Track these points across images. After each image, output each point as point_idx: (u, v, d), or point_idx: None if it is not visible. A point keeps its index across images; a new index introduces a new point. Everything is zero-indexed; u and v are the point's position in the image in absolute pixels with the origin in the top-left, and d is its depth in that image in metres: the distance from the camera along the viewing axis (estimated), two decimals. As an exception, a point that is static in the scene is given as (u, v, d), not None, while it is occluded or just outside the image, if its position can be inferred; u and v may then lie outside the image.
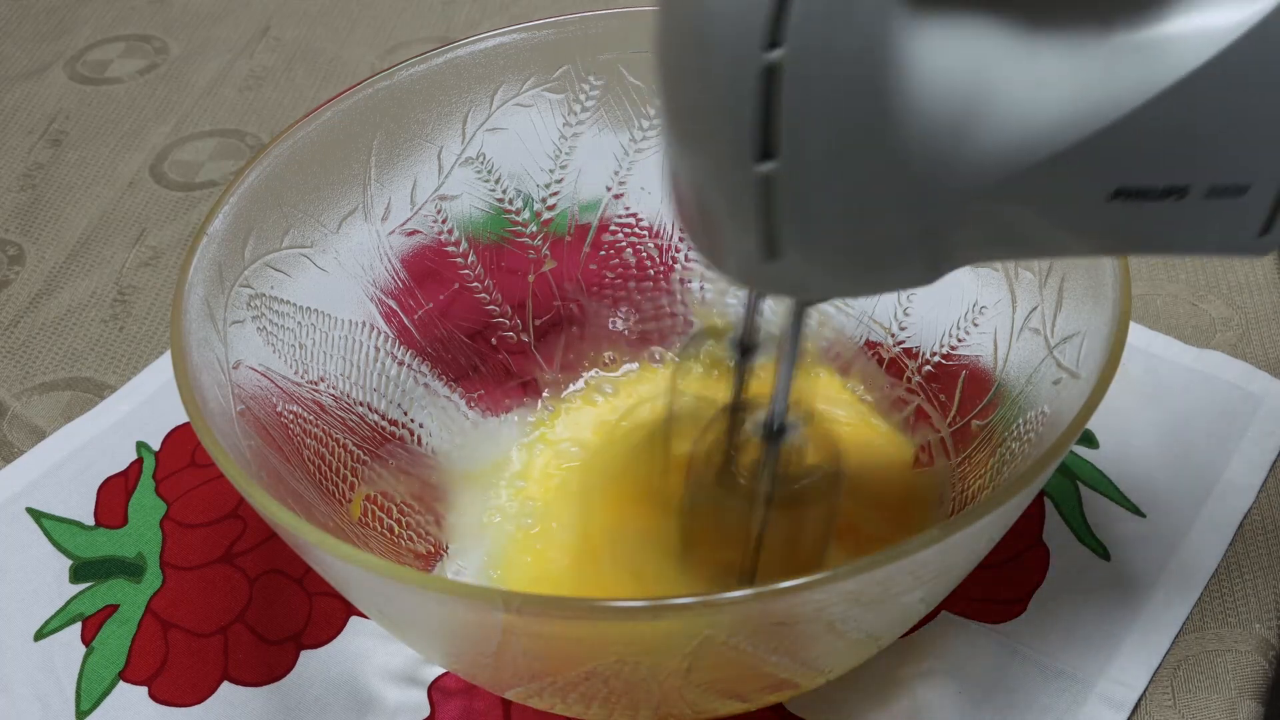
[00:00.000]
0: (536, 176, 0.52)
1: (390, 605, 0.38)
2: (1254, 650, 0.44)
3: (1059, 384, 0.41)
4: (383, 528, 0.46)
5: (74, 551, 0.49)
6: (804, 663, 0.39)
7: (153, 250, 0.63)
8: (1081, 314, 0.41)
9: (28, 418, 0.55)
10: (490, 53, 0.50)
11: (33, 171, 0.67)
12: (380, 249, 0.50)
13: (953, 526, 0.34)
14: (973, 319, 0.47)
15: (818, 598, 0.33)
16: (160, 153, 0.68)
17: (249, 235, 0.44)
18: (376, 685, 0.45)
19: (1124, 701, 0.43)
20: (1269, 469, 0.49)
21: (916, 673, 0.44)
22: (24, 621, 0.47)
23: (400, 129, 0.49)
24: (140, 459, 0.52)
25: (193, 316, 0.41)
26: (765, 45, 0.27)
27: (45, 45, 0.76)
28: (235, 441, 0.39)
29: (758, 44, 0.27)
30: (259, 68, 0.74)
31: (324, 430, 0.46)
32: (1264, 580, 0.46)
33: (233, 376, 0.42)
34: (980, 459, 0.45)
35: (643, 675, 0.36)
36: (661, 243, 0.53)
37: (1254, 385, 0.52)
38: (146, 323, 0.59)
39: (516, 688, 0.40)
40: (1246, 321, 0.55)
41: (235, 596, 0.48)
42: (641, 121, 0.52)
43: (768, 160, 0.28)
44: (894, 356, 0.50)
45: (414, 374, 0.50)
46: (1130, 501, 0.49)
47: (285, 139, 0.46)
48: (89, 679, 0.45)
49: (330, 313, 0.48)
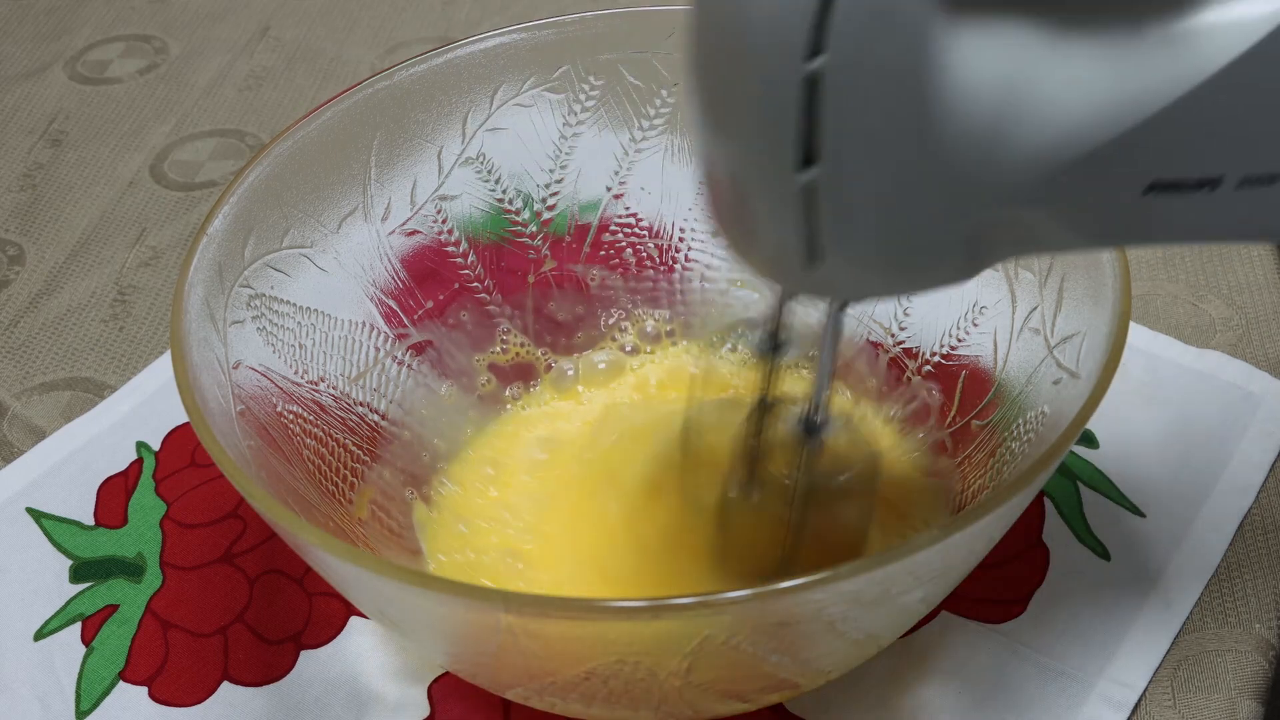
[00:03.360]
0: (536, 176, 0.52)
1: (390, 605, 0.38)
2: (1254, 650, 0.44)
3: (1059, 384, 0.41)
4: (383, 527, 0.46)
5: (74, 551, 0.49)
6: (804, 663, 0.39)
7: (153, 250, 0.63)
8: (1081, 314, 0.41)
9: (28, 418, 0.55)
10: (490, 53, 0.50)
11: (33, 171, 0.67)
12: (380, 249, 0.50)
13: (953, 526, 0.34)
14: (973, 319, 0.47)
15: (818, 598, 0.34)
16: (160, 153, 0.68)
17: (249, 235, 0.44)
18: (376, 685, 0.45)
19: (1124, 701, 0.43)
20: (1269, 469, 0.49)
21: (916, 673, 0.44)
22: (24, 621, 0.47)
23: (400, 129, 0.49)
24: (140, 459, 0.52)
25: (193, 316, 0.41)
26: (807, 54, 0.27)
27: (45, 45, 0.76)
28: (235, 441, 0.39)
29: (799, 53, 0.27)
30: (259, 68, 0.74)
31: (324, 430, 0.46)
32: (1264, 580, 0.46)
33: (233, 376, 0.42)
34: (980, 459, 0.45)
35: (643, 675, 0.36)
36: (661, 243, 0.53)
37: (1254, 385, 0.52)
38: (146, 323, 0.59)
39: (516, 688, 0.40)
40: (1246, 321, 0.55)
41: (235, 596, 0.48)
42: (641, 121, 0.52)
43: (810, 167, 0.28)
44: (894, 356, 0.50)
45: (414, 374, 0.50)
46: (1130, 501, 0.49)
47: (285, 139, 0.46)
48: (89, 679, 0.45)
49: (330, 313, 0.48)
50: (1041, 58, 0.28)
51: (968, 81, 0.28)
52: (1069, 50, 0.28)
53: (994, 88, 0.28)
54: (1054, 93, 0.28)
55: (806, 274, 0.31)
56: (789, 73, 0.27)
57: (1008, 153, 0.29)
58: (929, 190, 0.29)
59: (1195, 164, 0.29)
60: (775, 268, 0.32)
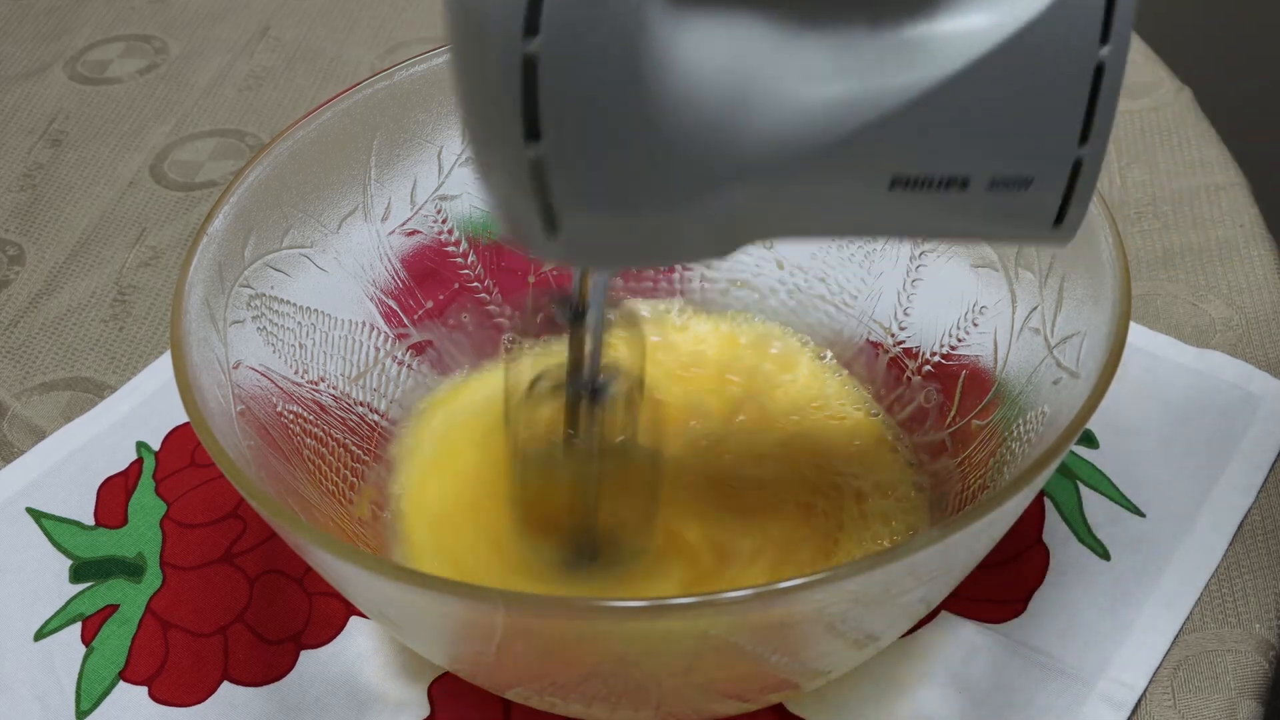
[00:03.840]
0: (536, 176, 0.52)
1: (390, 605, 0.38)
2: (1254, 650, 0.44)
3: (1059, 384, 0.41)
4: (383, 527, 0.46)
5: (74, 551, 0.49)
6: (804, 663, 0.39)
7: (153, 250, 0.63)
8: (1081, 314, 0.41)
9: (28, 418, 0.55)
10: (490, 53, 0.50)
11: (33, 171, 0.67)
12: (380, 249, 0.50)
13: (953, 526, 0.34)
14: (973, 319, 0.47)
15: (818, 597, 0.34)
16: (160, 153, 0.68)
17: (249, 235, 0.44)
18: (376, 685, 0.45)
19: (1124, 701, 0.43)
20: (1269, 469, 0.49)
21: (916, 673, 0.44)
22: (24, 621, 0.47)
23: (400, 129, 0.49)
24: (140, 459, 0.52)
25: (193, 316, 0.41)
26: (524, 34, 0.29)
27: (45, 45, 0.76)
28: (235, 441, 0.39)
29: (518, 33, 0.29)
30: (259, 68, 0.74)
31: (324, 430, 0.46)
32: (1264, 580, 0.46)
33: (233, 376, 0.42)
34: (980, 459, 0.45)
35: (643, 675, 0.36)
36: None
37: (1254, 385, 0.52)
38: (146, 323, 0.59)
39: (516, 688, 0.40)
40: (1246, 321, 0.55)
41: (235, 596, 0.48)
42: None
43: (534, 141, 0.30)
44: (894, 356, 0.50)
45: (414, 374, 0.50)
46: (1130, 501, 0.49)
47: (285, 139, 0.46)
48: (89, 679, 0.45)
49: (330, 313, 0.48)
50: (773, 51, 0.30)
51: (695, 68, 0.29)
52: (802, 46, 0.30)
53: (723, 76, 0.30)
54: (786, 85, 0.30)
55: (549, 244, 0.32)
56: (510, 51, 0.29)
57: (742, 138, 0.30)
58: (659, 170, 0.31)
59: (937, 163, 0.31)
60: (522, 237, 0.33)
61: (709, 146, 0.30)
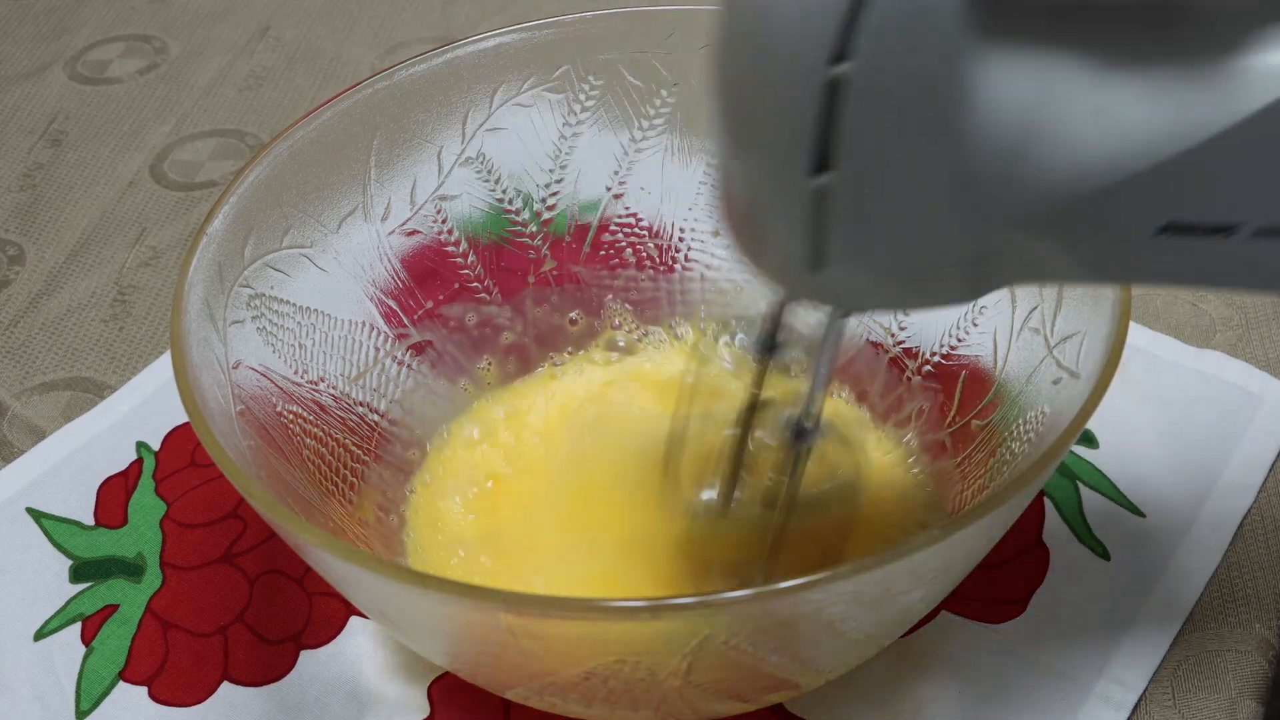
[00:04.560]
0: (536, 176, 0.52)
1: (390, 605, 0.38)
2: (1254, 650, 0.44)
3: (1059, 384, 0.41)
4: (385, 527, 0.46)
5: (74, 551, 0.49)
6: (804, 663, 0.39)
7: (153, 250, 0.63)
8: (1081, 314, 0.41)
9: (28, 418, 0.55)
10: (490, 53, 0.50)
11: (33, 171, 0.67)
12: (380, 249, 0.50)
13: (953, 526, 0.34)
14: (973, 319, 0.47)
15: (818, 597, 0.34)
16: (160, 153, 0.68)
17: (249, 235, 0.44)
18: (376, 685, 0.45)
19: (1123, 702, 0.43)
20: (1269, 469, 0.49)
21: (916, 673, 0.44)
22: (24, 621, 0.47)
23: (400, 129, 0.49)
24: (140, 459, 0.52)
25: (193, 316, 0.41)
26: (832, 58, 0.27)
27: (45, 45, 0.76)
28: (235, 441, 0.39)
29: (824, 56, 0.27)
30: (259, 68, 0.74)
31: (324, 430, 0.46)
32: (1264, 580, 0.46)
33: (233, 376, 0.42)
34: (980, 459, 0.45)
35: (643, 675, 0.36)
36: (661, 243, 0.53)
37: (1254, 385, 0.52)
38: (146, 323, 0.59)
39: (516, 688, 0.40)
40: (1246, 321, 0.55)
41: (235, 596, 0.48)
42: (641, 121, 0.52)
43: (823, 173, 0.28)
44: (894, 356, 0.50)
45: (414, 374, 0.50)
46: (1130, 501, 0.49)
47: (285, 139, 0.46)
48: (89, 679, 0.45)
49: (330, 313, 0.48)
50: (1077, 86, 0.28)
51: (996, 100, 0.27)
52: (1106, 83, 0.28)
53: (1021, 111, 0.28)
54: (1082, 122, 0.28)
55: (809, 279, 0.31)
56: (811, 75, 0.27)
57: (1026, 177, 0.28)
58: (941, 207, 0.29)
59: (1214, 209, 0.29)
60: (779, 271, 0.32)
61: (996, 184, 0.28)
